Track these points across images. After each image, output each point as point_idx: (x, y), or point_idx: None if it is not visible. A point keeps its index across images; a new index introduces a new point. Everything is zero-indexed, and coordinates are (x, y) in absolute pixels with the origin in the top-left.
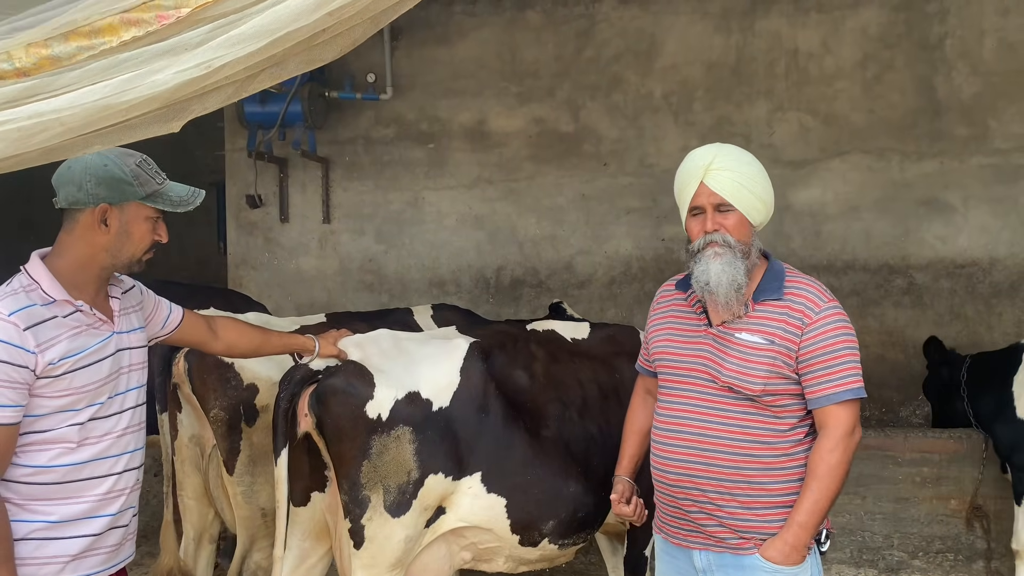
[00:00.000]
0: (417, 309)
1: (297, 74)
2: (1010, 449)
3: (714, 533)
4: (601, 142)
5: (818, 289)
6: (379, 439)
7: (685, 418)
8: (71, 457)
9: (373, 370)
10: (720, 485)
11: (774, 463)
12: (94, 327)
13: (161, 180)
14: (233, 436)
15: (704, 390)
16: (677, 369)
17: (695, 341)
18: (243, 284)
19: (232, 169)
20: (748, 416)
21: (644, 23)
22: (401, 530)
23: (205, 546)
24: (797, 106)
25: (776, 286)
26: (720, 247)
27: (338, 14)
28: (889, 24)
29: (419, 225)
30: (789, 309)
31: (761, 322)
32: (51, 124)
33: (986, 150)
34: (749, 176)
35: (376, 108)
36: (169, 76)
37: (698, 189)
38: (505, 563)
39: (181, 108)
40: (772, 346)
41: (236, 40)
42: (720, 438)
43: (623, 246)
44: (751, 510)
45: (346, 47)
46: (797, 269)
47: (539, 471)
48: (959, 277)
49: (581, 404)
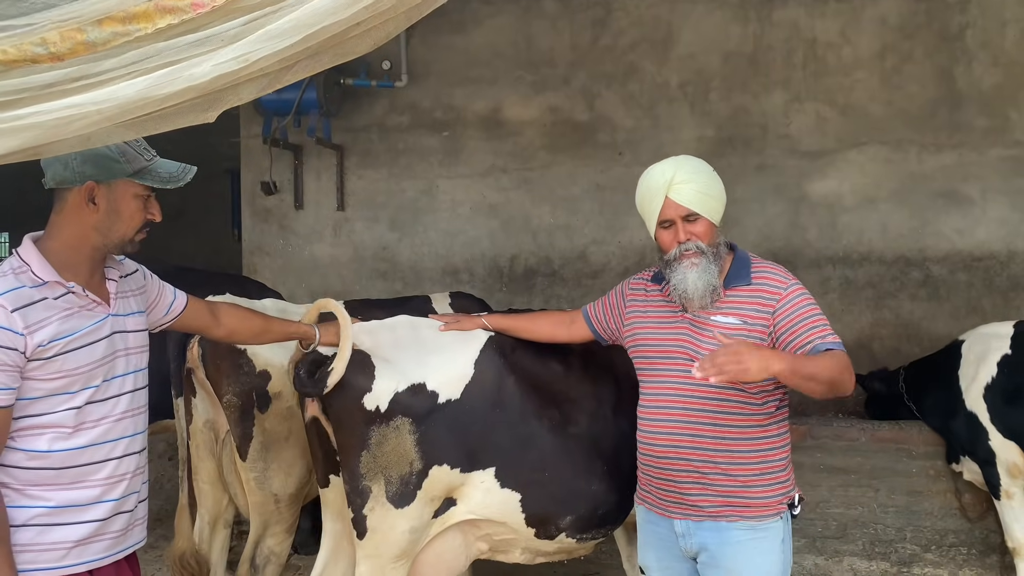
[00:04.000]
0: (435, 297)
1: (331, 65)
2: (970, 443)
3: (697, 502)
4: (616, 131)
5: (782, 271)
6: (378, 430)
7: (669, 395)
8: (68, 442)
9: (377, 361)
10: (704, 454)
11: (750, 432)
12: (87, 308)
13: (150, 157)
14: (246, 422)
15: (684, 368)
16: (657, 352)
17: (673, 326)
18: (257, 271)
19: (247, 156)
20: (724, 390)
21: (661, 11)
22: (405, 521)
23: (220, 530)
24: (815, 96)
25: (744, 272)
26: (695, 256)
27: (373, 8)
28: (909, 14)
29: (433, 213)
30: (758, 291)
31: (733, 306)
32: (90, 114)
33: (1006, 142)
34: (707, 184)
35: (391, 96)
36: (207, 69)
37: (664, 203)
38: (522, 555)
39: (216, 98)
40: (745, 326)
41: (273, 34)
42: (701, 411)
43: (637, 236)
44: (731, 476)
45: (380, 40)
46: (758, 256)
47: (559, 468)
48: (976, 270)
49: (611, 399)
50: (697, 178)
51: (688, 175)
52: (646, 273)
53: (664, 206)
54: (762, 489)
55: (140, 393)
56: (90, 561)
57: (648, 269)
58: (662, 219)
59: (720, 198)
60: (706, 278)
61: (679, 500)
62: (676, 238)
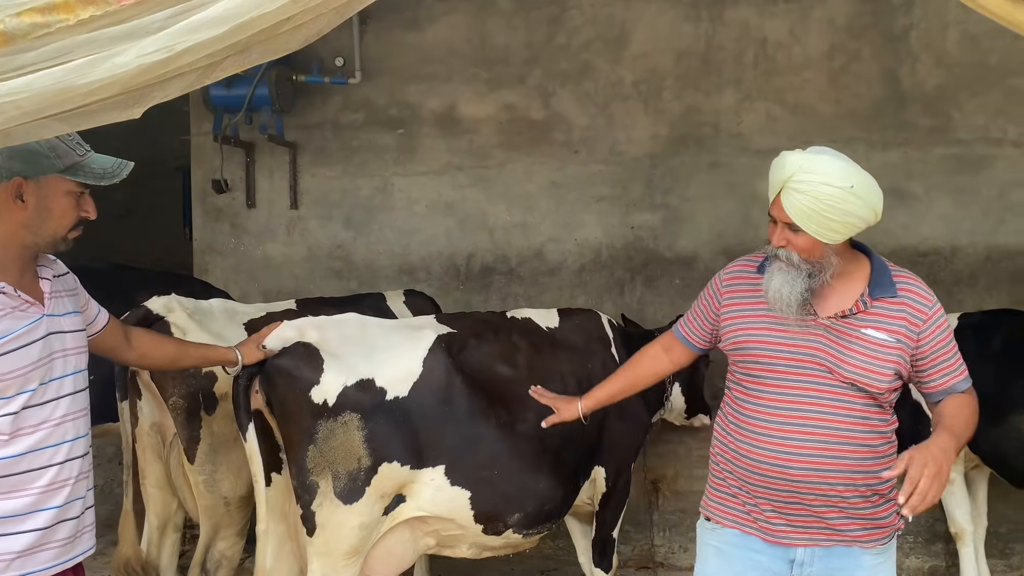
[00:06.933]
0: (389, 294)
1: (261, 63)
2: (914, 432)
3: (837, 525)
4: (572, 129)
5: (924, 285)
6: (325, 424)
7: (802, 410)
8: (6, 450)
9: (325, 355)
10: (847, 478)
11: (885, 451)
12: (20, 309)
13: (83, 152)
14: (193, 424)
15: (821, 381)
16: (779, 359)
17: (803, 331)
18: (209, 270)
19: (197, 154)
20: (868, 408)
21: (615, 10)
22: (354, 517)
23: (169, 535)
24: (765, 96)
25: (887, 282)
26: (784, 264)
27: (303, 3)
28: (856, 15)
29: (388, 211)
30: (905, 306)
31: (882, 319)
32: (6, 107)
33: (948, 141)
34: (828, 200)
35: (345, 92)
36: (130, 59)
37: (775, 199)
38: (469, 550)
39: (142, 94)
40: (897, 344)
41: (198, 25)
42: (846, 430)
43: (593, 234)
44: (867, 499)
45: (310, 37)
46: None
47: (508, 466)
48: (922, 265)
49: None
50: (815, 191)
51: (806, 184)
52: (750, 261)
53: (774, 202)
54: (886, 507)
55: (81, 396)
56: (36, 572)
57: (752, 254)
58: (770, 212)
59: (847, 222)
60: (789, 288)
61: (808, 524)
62: (772, 239)
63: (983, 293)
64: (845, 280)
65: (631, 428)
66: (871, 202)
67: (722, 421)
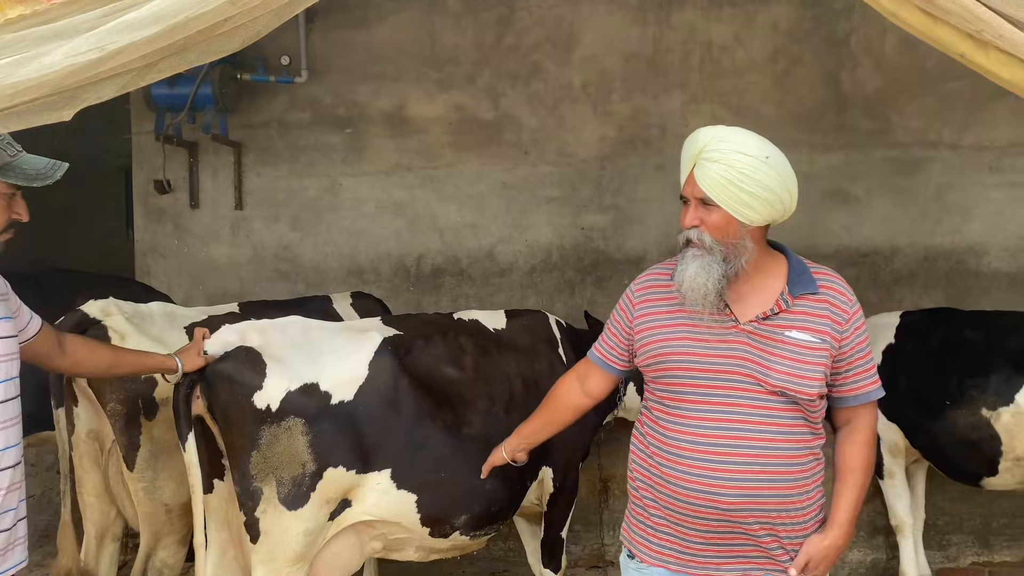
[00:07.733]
0: (336, 296)
1: (198, 64)
2: None
3: (772, 552)
4: (521, 130)
5: (843, 281)
6: (268, 429)
7: (733, 429)
8: None
9: (268, 359)
10: (781, 502)
11: (814, 468)
12: None
13: (14, 152)
14: (132, 430)
15: (749, 394)
16: (703, 372)
17: (723, 339)
18: (152, 273)
19: (139, 153)
20: (796, 422)
21: (563, 12)
22: (299, 523)
23: (108, 545)
24: (710, 98)
25: (807, 279)
26: (697, 247)
27: (241, 4)
28: (798, 20)
29: (336, 212)
30: (827, 303)
31: (805, 318)
32: None
33: (888, 143)
34: (742, 168)
35: (291, 91)
36: (59, 59)
37: (687, 177)
38: (416, 553)
39: (74, 95)
40: (823, 344)
41: (132, 24)
42: (778, 449)
43: (543, 235)
44: (797, 522)
45: (249, 38)
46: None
47: (455, 468)
48: (863, 265)
49: (504, 398)
50: (729, 160)
51: (720, 153)
52: (662, 269)
53: (687, 180)
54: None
55: (11, 404)
56: None
57: (664, 262)
58: (682, 193)
59: (763, 195)
60: (706, 275)
61: (744, 553)
62: (684, 221)
63: (921, 292)
64: (763, 276)
65: (579, 428)
66: (784, 178)
67: (640, 443)
